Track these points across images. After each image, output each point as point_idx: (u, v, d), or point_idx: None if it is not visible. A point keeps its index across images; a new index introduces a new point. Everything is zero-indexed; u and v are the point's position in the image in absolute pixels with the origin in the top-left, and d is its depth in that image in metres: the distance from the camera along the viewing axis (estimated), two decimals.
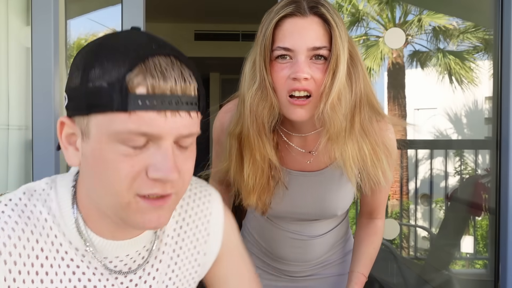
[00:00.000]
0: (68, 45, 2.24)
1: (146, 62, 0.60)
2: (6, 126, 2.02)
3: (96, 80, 0.60)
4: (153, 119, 0.60)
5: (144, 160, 0.62)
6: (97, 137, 0.62)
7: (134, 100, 0.59)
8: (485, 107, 4.41)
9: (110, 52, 0.62)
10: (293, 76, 0.91)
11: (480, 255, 3.50)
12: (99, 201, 0.67)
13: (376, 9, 4.99)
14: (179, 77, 0.61)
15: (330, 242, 1.28)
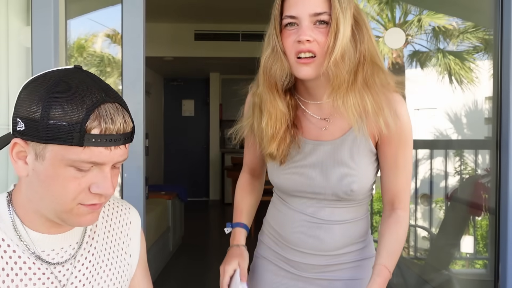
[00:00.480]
0: (68, 45, 2.24)
1: (99, 109, 0.80)
2: (6, 126, 2.02)
3: (57, 119, 0.78)
4: (101, 152, 0.80)
5: (88, 180, 0.83)
6: (51, 161, 0.80)
7: (89, 139, 0.79)
8: (485, 107, 4.41)
9: (68, 96, 0.79)
10: (298, 39, 1.05)
11: (480, 255, 3.50)
12: (43, 206, 0.85)
13: (376, 9, 4.99)
14: (122, 121, 0.83)
15: (346, 235, 1.24)
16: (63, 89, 0.80)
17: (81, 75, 0.84)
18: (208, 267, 4.35)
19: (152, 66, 6.67)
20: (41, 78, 0.84)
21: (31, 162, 0.83)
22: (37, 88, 0.82)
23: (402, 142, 1.15)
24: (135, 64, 1.90)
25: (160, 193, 4.61)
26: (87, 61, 3.05)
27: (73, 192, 0.82)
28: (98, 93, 0.81)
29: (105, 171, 0.83)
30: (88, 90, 0.81)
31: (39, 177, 0.83)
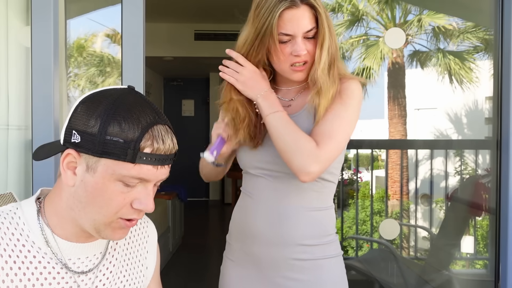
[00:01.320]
0: (68, 45, 2.23)
1: (153, 129, 0.86)
2: (5, 126, 2.02)
3: (114, 135, 0.83)
4: (149, 170, 0.86)
5: (132, 195, 0.87)
6: (102, 174, 0.85)
7: (141, 157, 0.84)
8: (485, 107, 4.41)
9: (125, 115, 0.85)
10: (296, 53, 1.22)
11: (480, 255, 3.50)
12: (83, 216, 0.89)
13: (376, 9, 4.99)
14: (171, 142, 0.88)
15: (309, 224, 1.27)
16: (121, 108, 0.85)
17: (135, 96, 0.90)
18: (208, 267, 4.35)
19: (152, 66, 6.67)
20: (98, 95, 0.89)
21: (80, 173, 0.87)
22: (95, 104, 0.87)
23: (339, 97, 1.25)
24: (135, 64, 1.90)
25: (160, 193, 4.61)
26: (87, 61, 3.05)
27: (117, 206, 0.87)
28: (152, 114, 0.87)
29: (149, 188, 0.89)
30: (143, 110, 0.87)
31: (86, 188, 0.87)
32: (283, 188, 1.27)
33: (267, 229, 1.27)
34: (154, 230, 1.15)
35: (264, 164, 1.30)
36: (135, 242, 1.07)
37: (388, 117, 4.84)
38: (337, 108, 1.25)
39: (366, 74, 4.85)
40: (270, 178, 1.29)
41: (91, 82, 3.17)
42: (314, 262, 1.28)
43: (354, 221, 4.18)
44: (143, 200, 0.88)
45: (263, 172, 1.30)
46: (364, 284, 3.02)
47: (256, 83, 1.28)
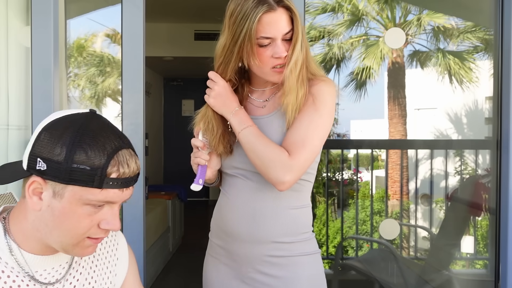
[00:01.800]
0: (68, 45, 2.23)
1: (118, 155, 0.89)
2: (5, 126, 2.02)
3: (80, 163, 0.86)
4: (115, 193, 0.90)
5: (99, 217, 0.91)
6: (69, 200, 0.88)
7: (107, 182, 0.88)
8: (485, 107, 4.41)
9: (91, 142, 0.87)
10: (277, 55, 1.25)
11: (480, 255, 3.50)
12: (51, 238, 0.92)
13: (376, 9, 4.99)
14: (135, 165, 0.92)
15: (284, 223, 1.29)
16: (86, 135, 0.88)
17: (98, 121, 0.93)
18: None
19: (152, 66, 6.67)
20: (62, 122, 0.91)
21: (47, 199, 0.90)
22: (59, 131, 0.89)
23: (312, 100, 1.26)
24: (135, 64, 1.90)
25: (160, 193, 4.61)
26: (87, 60, 3.05)
27: (85, 228, 0.91)
28: (116, 140, 0.91)
29: (115, 209, 0.93)
30: (107, 136, 0.90)
31: (54, 212, 0.90)
32: (259, 188, 1.30)
33: (244, 228, 1.30)
34: (122, 237, 1.17)
35: (240, 164, 1.33)
36: (103, 250, 1.10)
37: (388, 117, 4.84)
38: (310, 113, 1.26)
39: (366, 74, 4.85)
40: (246, 178, 1.32)
41: (91, 82, 3.16)
42: (291, 258, 1.31)
43: (354, 221, 4.17)
44: (110, 220, 0.92)
45: (239, 172, 1.33)
46: (364, 284, 3.02)
47: (227, 100, 1.32)
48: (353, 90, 5.04)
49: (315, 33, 4.99)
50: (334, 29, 4.93)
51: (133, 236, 1.86)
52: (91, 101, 3.52)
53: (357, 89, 5.04)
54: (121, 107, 1.91)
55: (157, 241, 3.98)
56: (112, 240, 1.13)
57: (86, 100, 3.42)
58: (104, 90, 3.55)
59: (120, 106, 1.94)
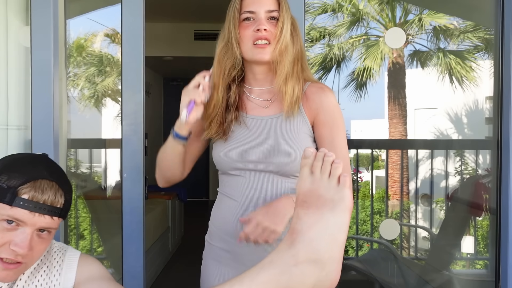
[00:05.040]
0: (68, 45, 2.23)
1: (36, 182, 0.99)
2: (5, 126, 2.01)
3: (1, 182, 0.99)
4: (25, 214, 0.98)
5: (10, 236, 0.99)
6: None
7: (17, 201, 0.98)
8: (485, 107, 4.41)
9: (18, 168, 1.01)
10: (257, 28, 1.30)
11: (480, 256, 3.49)
12: None
13: (377, 9, 4.99)
14: (53, 195, 1.00)
15: None
16: (18, 163, 1.03)
17: (39, 158, 1.07)
18: None
19: (152, 66, 6.66)
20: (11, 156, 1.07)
21: None
22: (2, 161, 1.05)
23: (336, 124, 1.34)
24: (134, 64, 1.90)
25: (159, 193, 4.60)
26: (87, 60, 3.04)
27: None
28: (43, 172, 1.01)
29: (26, 232, 0.99)
30: (36, 168, 1.02)
31: None
32: (261, 188, 1.32)
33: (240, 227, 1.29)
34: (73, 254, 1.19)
35: (241, 164, 1.34)
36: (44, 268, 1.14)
37: (388, 117, 4.83)
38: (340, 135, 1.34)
39: (367, 74, 4.85)
40: (248, 177, 1.33)
41: (91, 82, 3.16)
42: None
43: (354, 221, 4.17)
44: (19, 242, 0.98)
45: (241, 172, 1.34)
46: (364, 284, 3.02)
47: None
48: (353, 90, 5.04)
49: (315, 34, 4.98)
50: (334, 30, 4.93)
51: (133, 236, 1.86)
52: (91, 101, 3.51)
53: (357, 89, 5.04)
54: (121, 107, 1.91)
55: (157, 241, 3.97)
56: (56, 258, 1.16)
57: (85, 100, 3.42)
58: (104, 90, 3.55)
59: (120, 106, 1.94)
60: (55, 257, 1.17)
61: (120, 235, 1.87)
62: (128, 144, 1.87)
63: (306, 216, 0.79)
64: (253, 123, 1.37)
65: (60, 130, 1.98)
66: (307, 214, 0.79)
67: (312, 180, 0.81)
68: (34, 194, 0.98)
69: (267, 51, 1.31)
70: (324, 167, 0.81)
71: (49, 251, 1.18)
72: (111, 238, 2.89)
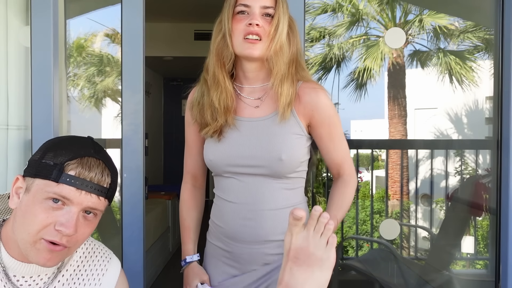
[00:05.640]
0: (68, 45, 2.23)
1: (83, 159, 0.97)
2: (5, 126, 2.01)
3: (48, 159, 0.96)
4: (71, 191, 0.94)
5: (56, 216, 0.94)
6: (34, 193, 0.95)
7: (64, 177, 0.94)
8: (485, 107, 4.40)
9: (65, 146, 0.98)
10: (249, 22, 1.27)
11: (480, 255, 3.49)
12: (18, 236, 0.96)
13: (377, 9, 4.99)
14: (100, 174, 0.97)
15: (283, 221, 1.30)
16: (65, 142, 1.00)
17: (86, 139, 1.03)
18: None
19: (152, 66, 6.66)
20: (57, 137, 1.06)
21: (21, 196, 0.98)
22: (50, 140, 1.03)
23: (332, 121, 1.34)
24: (134, 64, 1.90)
25: (159, 193, 4.60)
26: (87, 60, 3.04)
27: (40, 223, 0.93)
28: (89, 149, 0.99)
29: (73, 211, 0.95)
30: (83, 146, 0.99)
31: (21, 207, 0.96)
32: (255, 189, 1.32)
33: (246, 229, 1.32)
34: (116, 268, 1.16)
35: (233, 167, 1.33)
36: (88, 271, 1.11)
37: (388, 117, 4.83)
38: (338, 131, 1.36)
39: (367, 74, 4.85)
40: (241, 180, 1.33)
41: (91, 82, 3.16)
42: None
43: (354, 221, 4.17)
44: (65, 222, 0.94)
45: (233, 174, 1.34)
46: (364, 284, 3.02)
47: None
48: (353, 90, 5.03)
49: (315, 34, 4.98)
50: (334, 30, 4.93)
51: (133, 236, 1.86)
52: (91, 101, 3.51)
53: (357, 89, 5.04)
54: (121, 107, 1.91)
55: (157, 241, 3.97)
56: (101, 265, 1.13)
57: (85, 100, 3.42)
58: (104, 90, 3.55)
59: (120, 106, 1.94)
60: (100, 263, 1.14)
61: (120, 235, 1.87)
62: (128, 144, 1.87)
63: (298, 273, 0.87)
64: (244, 126, 1.35)
65: (60, 130, 1.98)
66: (299, 270, 0.87)
67: (304, 237, 0.88)
68: (81, 171, 0.95)
69: (257, 47, 1.28)
70: (318, 227, 0.87)
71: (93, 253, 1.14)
72: (111, 238, 2.89)
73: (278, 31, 1.28)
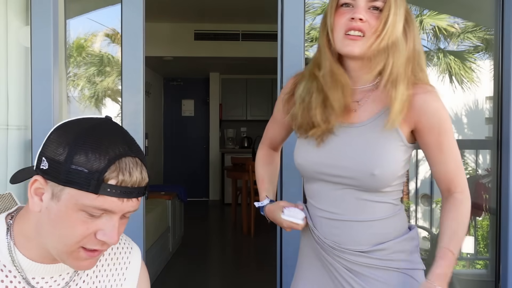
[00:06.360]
0: (68, 45, 2.23)
1: (120, 161, 0.84)
2: (5, 126, 2.01)
3: (79, 165, 0.82)
4: (114, 202, 0.84)
5: (96, 226, 0.86)
6: (66, 203, 0.84)
7: (104, 188, 0.82)
8: (485, 107, 4.41)
9: (94, 145, 0.83)
10: (352, 16, 1.13)
11: (480, 255, 3.49)
12: (48, 242, 0.88)
13: None
14: (140, 175, 0.86)
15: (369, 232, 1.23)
16: (91, 138, 0.84)
17: (109, 126, 0.89)
18: (208, 267, 4.34)
19: (152, 66, 6.66)
20: (72, 123, 0.88)
21: (46, 200, 0.86)
22: (66, 132, 0.86)
23: (443, 128, 1.19)
24: (134, 64, 1.90)
25: (159, 193, 4.60)
26: (86, 60, 3.04)
27: (79, 235, 0.85)
28: (122, 146, 0.86)
29: (114, 219, 0.87)
30: (113, 141, 0.85)
31: (50, 215, 0.86)
32: (340, 199, 1.23)
33: (331, 240, 1.25)
34: (138, 257, 1.09)
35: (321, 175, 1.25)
36: (111, 266, 1.04)
37: None
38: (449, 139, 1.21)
39: None
40: (328, 187, 1.25)
41: (91, 82, 3.16)
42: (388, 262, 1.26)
43: None
44: (107, 231, 0.86)
45: (320, 180, 1.26)
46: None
47: None
48: None
49: (315, 34, 4.98)
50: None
51: (133, 236, 1.86)
52: (91, 101, 3.51)
53: None
54: (121, 107, 1.91)
55: (157, 241, 3.97)
56: (123, 258, 1.06)
57: (85, 100, 3.42)
58: (104, 90, 3.55)
59: (120, 106, 1.94)
60: (123, 255, 1.07)
61: None
62: None
63: None
64: (342, 132, 1.23)
65: None
66: None
67: None
68: (122, 178, 0.84)
69: (358, 44, 1.15)
70: None
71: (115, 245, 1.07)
72: None
73: (386, 26, 1.14)
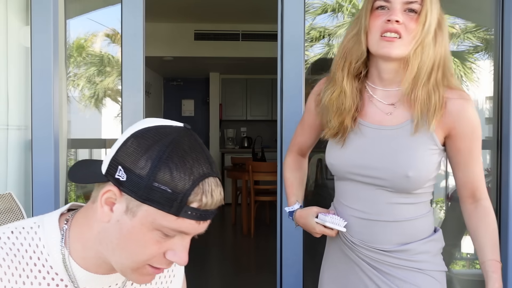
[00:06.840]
0: (68, 45, 2.23)
1: (204, 183, 0.79)
2: (5, 126, 2.01)
3: (162, 183, 0.76)
4: (191, 225, 0.79)
5: (168, 245, 0.82)
6: (142, 220, 0.78)
7: (186, 211, 0.78)
8: (485, 107, 4.41)
9: (179, 163, 0.77)
10: (388, 18, 1.14)
11: None
12: (112, 256, 0.84)
13: None
14: (219, 195, 0.82)
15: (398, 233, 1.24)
16: (175, 153, 0.78)
17: (190, 139, 0.82)
18: (208, 267, 4.34)
19: (152, 66, 6.67)
20: (153, 133, 0.81)
21: (118, 213, 0.80)
22: (148, 142, 0.80)
23: (475, 135, 1.22)
24: (134, 64, 1.90)
25: None
26: (86, 60, 3.04)
27: (150, 254, 0.81)
28: (205, 165, 0.80)
29: (186, 240, 0.83)
30: (197, 159, 0.80)
31: (121, 230, 0.81)
32: (372, 200, 1.24)
33: (358, 238, 1.26)
34: (181, 271, 1.06)
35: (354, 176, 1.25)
36: (157, 279, 1.01)
37: None
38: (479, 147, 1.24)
39: None
40: (361, 187, 1.25)
41: (91, 82, 3.16)
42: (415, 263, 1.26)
43: None
44: (178, 252, 0.82)
45: (353, 181, 1.26)
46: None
47: None
48: None
49: (315, 34, 4.99)
50: (334, 30, 4.93)
51: None
52: (91, 101, 3.52)
53: None
54: (121, 107, 1.91)
55: None
56: (169, 270, 1.03)
57: (85, 100, 3.42)
58: (104, 90, 3.55)
59: (120, 106, 1.94)
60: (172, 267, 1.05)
61: None
62: None
63: None
64: (371, 133, 1.24)
65: (60, 130, 1.98)
66: None
67: None
68: (205, 201, 0.79)
69: (395, 46, 1.15)
70: None
71: None
72: None
73: (424, 29, 1.15)
